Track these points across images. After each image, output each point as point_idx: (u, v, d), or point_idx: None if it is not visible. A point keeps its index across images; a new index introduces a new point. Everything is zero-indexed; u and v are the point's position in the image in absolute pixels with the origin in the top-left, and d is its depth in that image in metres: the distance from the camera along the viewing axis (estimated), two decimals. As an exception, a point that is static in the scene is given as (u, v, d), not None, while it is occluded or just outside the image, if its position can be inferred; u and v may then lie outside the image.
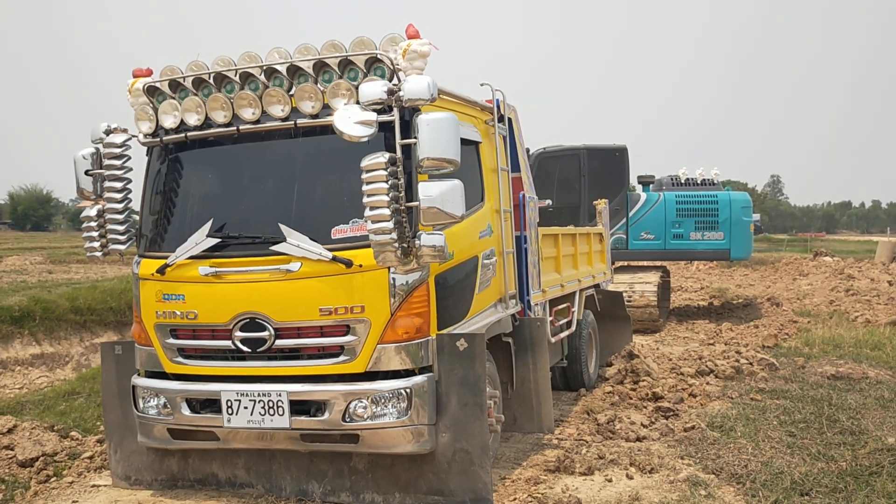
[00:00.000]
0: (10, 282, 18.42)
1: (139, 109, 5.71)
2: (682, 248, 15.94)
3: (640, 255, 15.82)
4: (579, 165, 15.55)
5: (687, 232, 15.82)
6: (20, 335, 13.70)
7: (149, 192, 5.87)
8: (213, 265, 5.38)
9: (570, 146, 15.87)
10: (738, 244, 15.76)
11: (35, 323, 14.13)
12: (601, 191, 15.01)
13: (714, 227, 15.80)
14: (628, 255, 15.78)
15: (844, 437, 6.80)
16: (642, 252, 15.77)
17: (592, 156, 15.55)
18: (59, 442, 7.24)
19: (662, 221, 15.79)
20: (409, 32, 5.30)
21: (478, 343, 5.25)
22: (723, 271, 29.84)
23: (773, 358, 10.49)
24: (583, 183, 15.41)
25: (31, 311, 14.08)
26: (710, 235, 15.81)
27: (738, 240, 15.75)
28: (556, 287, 8.00)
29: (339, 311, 5.16)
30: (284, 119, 5.33)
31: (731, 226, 15.70)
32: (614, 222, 15.37)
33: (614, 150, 15.71)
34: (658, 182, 16.75)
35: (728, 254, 15.95)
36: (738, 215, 15.76)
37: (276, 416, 5.24)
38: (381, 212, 4.71)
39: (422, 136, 4.76)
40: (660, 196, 15.93)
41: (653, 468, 6.09)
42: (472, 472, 5.23)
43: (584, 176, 15.49)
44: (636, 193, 16.03)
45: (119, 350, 6.07)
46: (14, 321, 13.77)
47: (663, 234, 15.81)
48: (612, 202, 15.30)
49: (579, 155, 15.59)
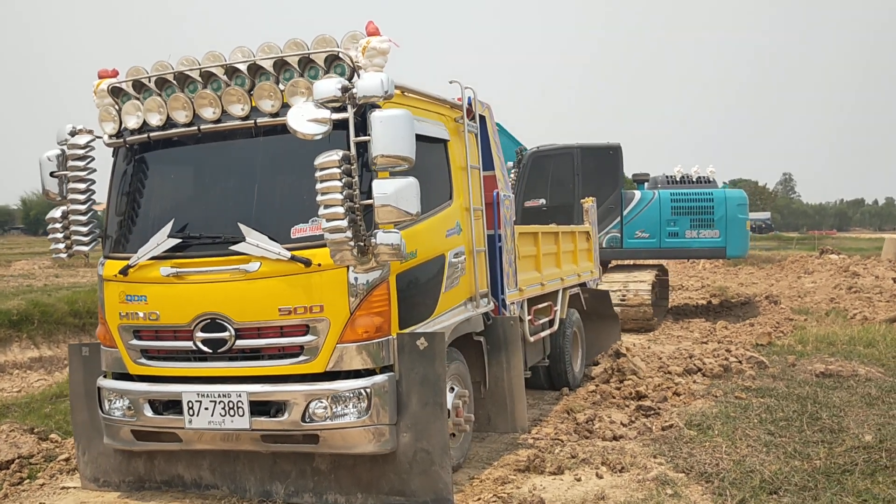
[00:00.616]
0: (17, 286, 18.53)
1: (103, 110, 5.71)
2: (677, 246, 15.73)
3: (636, 254, 15.68)
4: (573, 164, 15.48)
5: (682, 230, 15.63)
6: (18, 339, 13.79)
7: (114, 193, 5.86)
8: (174, 266, 5.37)
9: (564, 145, 15.80)
10: (734, 242, 15.55)
11: (34, 326, 14.21)
12: (595, 189, 14.91)
13: (710, 224, 15.59)
14: (623, 254, 15.67)
15: (823, 434, 6.72)
16: (637, 251, 15.62)
17: (586, 154, 15.47)
18: (36, 444, 7.25)
19: (657, 220, 15.61)
20: (368, 29, 5.27)
21: (438, 342, 5.20)
22: (728, 270, 29.62)
23: (764, 356, 10.40)
24: (577, 182, 15.34)
25: (30, 314, 14.17)
26: (706, 233, 15.62)
27: (735, 238, 15.54)
28: (535, 286, 7.94)
29: (299, 311, 5.13)
30: (244, 118, 5.30)
31: (726, 223, 15.49)
32: (609, 221, 15.32)
33: (608, 148, 15.60)
34: (653, 180, 16.60)
35: (724, 252, 15.73)
36: (733, 213, 15.53)
37: (237, 417, 5.22)
38: (334, 210, 4.67)
39: (375, 133, 4.72)
40: (654, 194, 15.75)
41: (623, 467, 6.03)
42: (432, 473, 5.19)
43: (577, 175, 15.41)
44: (630, 192, 15.90)
45: (86, 351, 6.06)
46: (12, 325, 13.86)
47: (658, 232, 15.62)
48: (607, 201, 15.26)
49: (573, 154, 15.51)
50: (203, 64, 5.50)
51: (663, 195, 15.71)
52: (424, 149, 5.97)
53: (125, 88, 5.65)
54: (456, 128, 6.44)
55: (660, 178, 16.60)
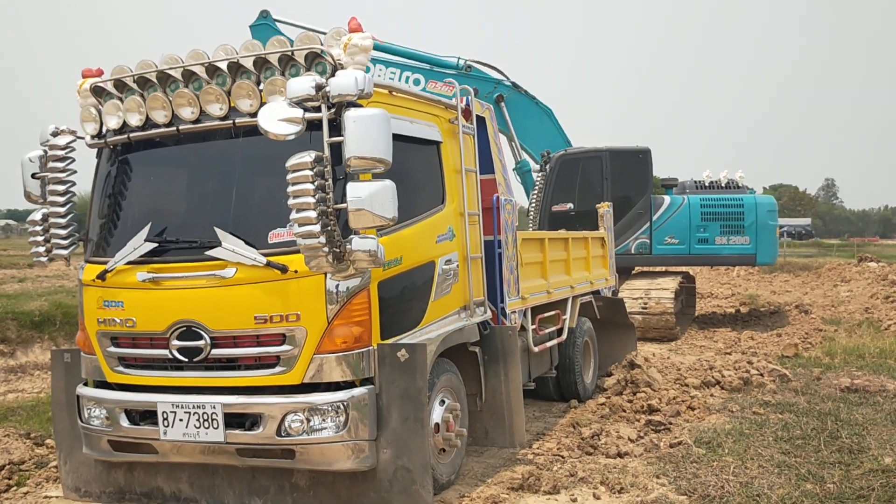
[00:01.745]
0: (49, 287, 18.68)
1: (84, 110, 5.56)
2: (707, 252, 15.32)
3: (665, 261, 15.37)
4: (602, 168, 15.15)
5: (712, 236, 15.23)
6: (40, 340, 13.83)
7: (96, 195, 5.71)
8: (150, 271, 5.18)
9: (593, 148, 15.48)
10: (764, 249, 15.14)
11: (55, 327, 14.26)
12: (624, 194, 14.77)
13: (740, 231, 15.19)
14: (652, 261, 15.34)
15: (841, 455, 6.32)
16: (667, 257, 15.28)
17: (615, 158, 15.14)
18: (29, 450, 7.14)
19: (687, 226, 15.22)
20: (350, 26, 5.04)
21: (419, 354, 4.94)
22: (762, 277, 28.90)
23: (788, 369, 9.97)
24: (605, 186, 15.00)
25: (52, 315, 14.22)
26: (736, 240, 15.21)
27: (765, 244, 15.14)
28: (540, 294, 7.64)
29: (275, 319, 4.91)
30: (223, 118, 5.10)
31: (756, 230, 15.10)
32: (638, 226, 15.03)
33: (637, 152, 15.29)
34: (681, 185, 16.18)
35: (754, 259, 15.29)
36: (764, 219, 15.13)
37: (211, 429, 5.01)
38: (306, 214, 4.44)
39: (348, 133, 4.48)
40: (684, 199, 15.36)
41: (623, 488, 5.70)
42: (413, 492, 4.93)
43: (606, 179, 15.08)
44: (660, 197, 15.52)
45: (68, 358, 5.91)
46: (34, 326, 13.92)
47: (688, 238, 15.22)
48: (636, 206, 15.00)
49: (602, 157, 15.19)
50: (186, 63, 5.32)
51: (693, 200, 15.33)
52: (414, 151, 5.75)
53: (107, 88, 5.49)
54: (451, 129, 6.18)
55: (688, 183, 16.19)
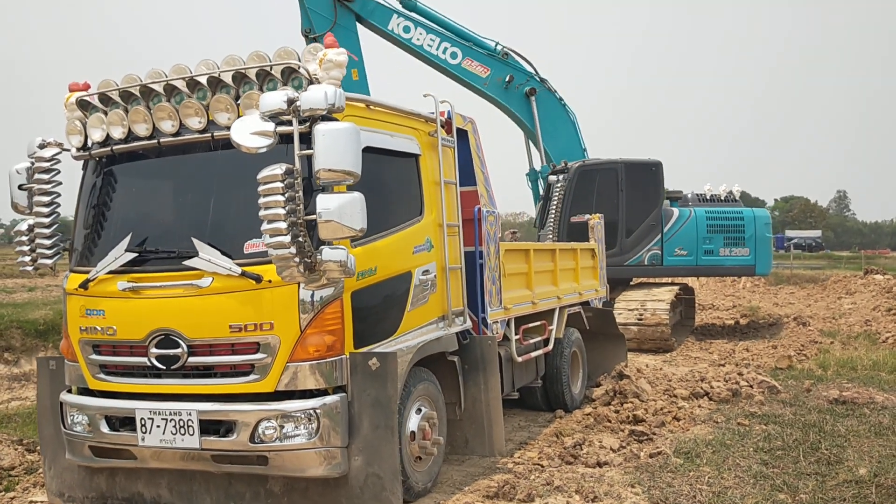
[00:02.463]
0: (57, 296, 18.92)
1: (70, 123, 5.70)
2: (712, 263, 15.75)
3: (675, 272, 15.73)
4: (617, 180, 15.31)
5: (717, 248, 15.65)
6: (44, 348, 13.99)
7: (81, 206, 5.85)
8: (130, 280, 5.31)
9: (609, 160, 15.64)
10: (762, 260, 15.68)
11: (59, 336, 14.45)
12: (638, 206, 15.05)
13: (741, 243, 15.67)
14: (664, 272, 15.65)
15: (819, 466, 6.36)
16: (677, 268, 15.62)
17: (630, 170, 15.33)
18: (20, 456, 7.27)
19: (695, 237, 15.59)
20: (326, 42, 5.17)
21: (390, 362, 5.03)
22: (767, 289, 28.85)
23: (780, 380, 9.99)
24: (620, 198, 15.21)
25: (56, 324, 14.41)
26: (737, 251, 15.68)
27: (763, 255, 15.67)
28: (524, 304, 7.72)
29: (249, 328, 5.01)
30: (202, 131, 5.24)
31: (756, 242, 15.62)
32: (650, 238, 15.26)
33: (650, 164, 15.51)
34: (684, 198, 16.37)
35: (754, 269, 15.82)
36: (762, 231, 15.65)
37: (187, 435, 5.11)
38: (277, 225, 4.55)
39: (318, 146, 4.60)
40: (691, 212, 15.69)
41: (597, 496, 5.76)
42: (383, 498, 5.01)
43: (622, 190, 15.28)
44: (669, 209, 15.77)
45: (53, 365, 6.04)
46: (39, 334, 14.12)
47: (695, 250, 15.60)
48: (649, 217, 15.30)
49: (617, 169, 15.36)
50: (169, 77, 5.46)
51: (699, 213, 15.68)
52: (393, 163, 5.86)
53: (92, 102, 5.64)
54: (430, 142, 6.29)
55: (690, 196, 16.43)
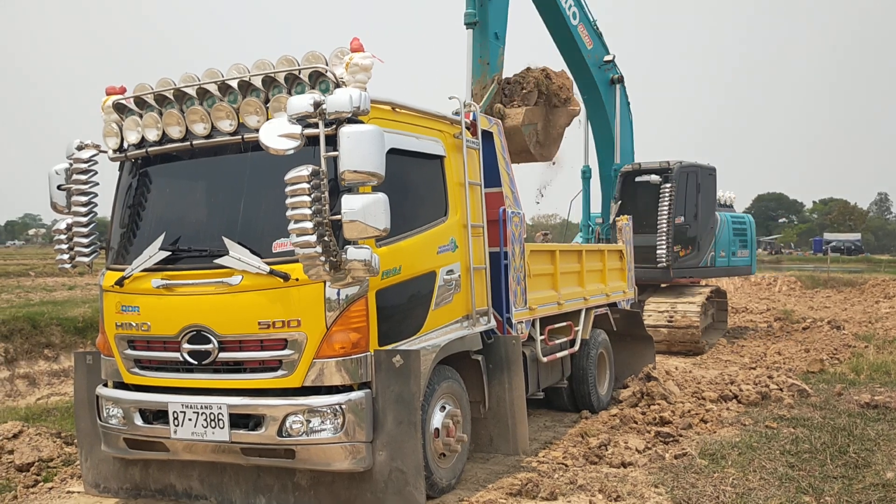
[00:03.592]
0: (96, 294, 19.36)
1: (107, 126, 5.89)
2: (734, 265, 16.58)
3: (721, 272, 16.30)
4: (697, 182, 15.27)
5: (737, 250, 16.63)
6: (83, 345, 14.33)
7: (117, 205, 6.04)
8: (164, 278, 5.47)
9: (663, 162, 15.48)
10: (754, 260, 17.49)
11: (97, 332, 14.79)
12: (707, 208, 15.26)
13: (745, 245, 16.90)
14: (715, 273, 16.08)
15: (846, 469, 6.33)
16: (720, 269, 16.16)
17: (704, 173, 15.38)
18: (58, 448, 7.50)
19: (727, 240, 16.19)
20: (352, 46, 5.28)
21: (413, 360, 5.13)
22: (803, 292, 28.49)
23: (810, 384, 9.90)
24: (699, 200, 15.20)
25: (94, 321, 14.76)
26: (743, 253, 16.87)
27: (754, 256, 17.45)
28: (549, 305, 7.77)
29: (277, 325, 5.15)
30: (232, 134, 5.39)
31: (751, 244, 17.12)
32: (709, 240, 15.45)
33: (707, 169, 15.56)
34: None
35: (750, 269, 17.45)
36: (753, 235, 17.20)
37: (217, 429, 5.26)
38: (303, 225, 4.67)
39: (343, 148, 4.71)
40: (722, 217, 16.04)
41: (620, 496, 5.80)
42: (406, 493, 5.11)
43: (699, 193, 15.27)
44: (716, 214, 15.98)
45: (90, 360, 6.23)
46: (77, 332, 14.43)
47: (728, 252, 16.23)
48: (710, 220, 15.54)
49: (699, 172, 15.32)
50: (202, 80, 5.62)
51: (726, 218, 16.14)
52: (418, 165, 5.96)
53: (128, 105, 5.82)
54: (455, 144, 6.38)
55: None
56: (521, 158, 10.75)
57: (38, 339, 13.02)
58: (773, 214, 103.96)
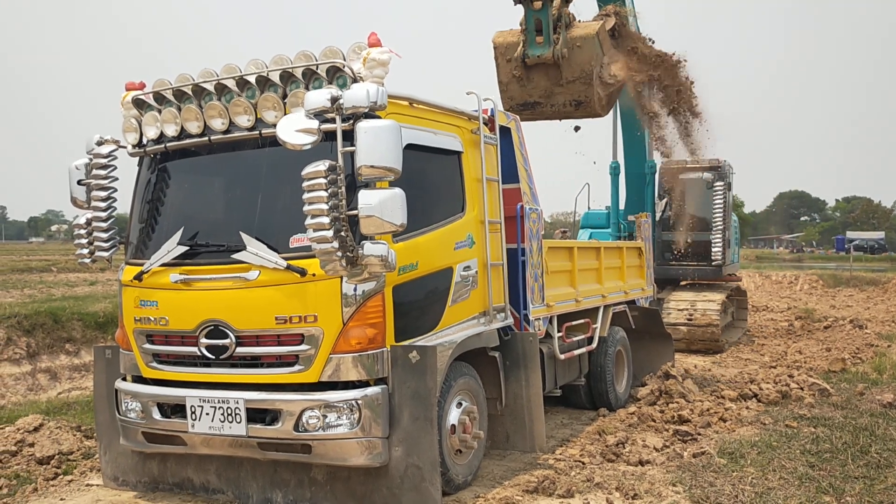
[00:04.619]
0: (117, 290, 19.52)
1: (126, 121, 5.93)
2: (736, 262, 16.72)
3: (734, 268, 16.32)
4: None
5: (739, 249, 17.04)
6: (104, 340, 14.46)
7: (136, 200, 6.07)
8: (182, 273, 5.50)
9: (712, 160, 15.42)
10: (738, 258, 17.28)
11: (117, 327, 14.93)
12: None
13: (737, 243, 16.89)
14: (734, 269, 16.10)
15: (867, 469, 6.24)
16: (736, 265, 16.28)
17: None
18: (78, 442, 7.57)
19: (737, 239, 16.45)
20: (370, 41, 5.28)
21: (430, 355, 5.12)
22: (825, 291, 28.21)
23: (832, 383, 9.78)
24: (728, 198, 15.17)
25: (114, 316, 14.89)
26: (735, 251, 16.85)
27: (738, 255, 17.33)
28: (567, 302, 7.73)
29: (294, 320, 5.15)
30: (250, 129, 5.40)
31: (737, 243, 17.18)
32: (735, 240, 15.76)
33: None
34: None
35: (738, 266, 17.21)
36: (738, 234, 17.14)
37: (234, 423, 5.28)
38: (320, 220, 4.67)
39: (360, 144, 4.70)
40: None
41: (637, 494, 5.76)
42: (423, 489, 5.10)
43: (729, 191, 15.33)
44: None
45: (109, 354, 6.28)
46: (98, 326, 14.56)
47: (737, 250, 16.50)
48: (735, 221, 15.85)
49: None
50: (220, 76, 5.63)
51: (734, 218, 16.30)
52: (435, 160, 5.95)
53: (147, 100, 5.85)
54: (472, 139, 6.35)
55: None
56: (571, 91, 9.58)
57: (59, 334, 13.14)
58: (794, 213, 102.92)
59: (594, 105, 9.63)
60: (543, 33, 8.81)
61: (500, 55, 9.51)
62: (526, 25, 9.07)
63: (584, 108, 9.72)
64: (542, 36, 8.92)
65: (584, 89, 9.46)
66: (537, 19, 8.80)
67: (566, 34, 8.87)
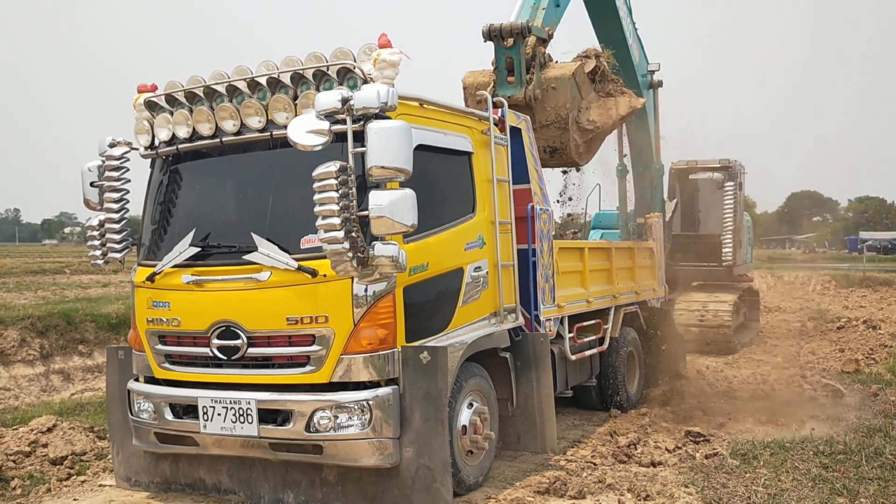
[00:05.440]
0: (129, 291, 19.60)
1: (138, 123, 5.96)
2: None
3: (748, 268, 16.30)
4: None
5: None
6: (116, 341, 14.54)
7: (148, 202, 6.10)
8: (194, 274, 5.52)
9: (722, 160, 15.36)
10: None
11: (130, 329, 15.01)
12: None
13: None
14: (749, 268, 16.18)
15: (882, 471, 6.19)
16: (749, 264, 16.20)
17: None
18: (91, 442, 7.61)
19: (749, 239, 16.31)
20: (380, 42, 5.29)
21: (440, 356, 5.12)
22: (838, 291, 27.99)
23: (844, 384, 9.73)
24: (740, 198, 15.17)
25: (127, 318, 14.98)
26: None
27: None
28: (578, 302, 7.71)
29: (305, 321, 5.16)
30: (261, 130, 5.42)
31: None
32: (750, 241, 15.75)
33: None
34: None
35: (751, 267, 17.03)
36: None
37: (246, 423, 5.29)
38: (331, 221, 4.68)
39: (370, 144, 4.71)
40: None
41: (649, 495, 5.74)
42: (434, 490, 5.10)
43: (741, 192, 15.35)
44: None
45: (121, 355, 6.32)
46: (111, 328, 14.65)
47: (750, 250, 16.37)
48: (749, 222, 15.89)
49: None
50: (231, 78, 5.66)
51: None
52: (446, 161, 5.95)
53: (159, 102, 5.88)
54: (483, 140, 6.35)
55: None
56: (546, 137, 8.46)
57: (72, 336, 13.22)
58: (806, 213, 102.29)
59: (570, 153, 8.65)
60: (515, 73, 8.07)
61: (470, 96, 8.54)
62: (497, 64, 8.30)
63: (559, 155, 8.73)
64: (513, 76, 8.16)
65: (560, 135, 8.47)
66: (509, 58, 7.98)
67: (540, 74, 8.19)
